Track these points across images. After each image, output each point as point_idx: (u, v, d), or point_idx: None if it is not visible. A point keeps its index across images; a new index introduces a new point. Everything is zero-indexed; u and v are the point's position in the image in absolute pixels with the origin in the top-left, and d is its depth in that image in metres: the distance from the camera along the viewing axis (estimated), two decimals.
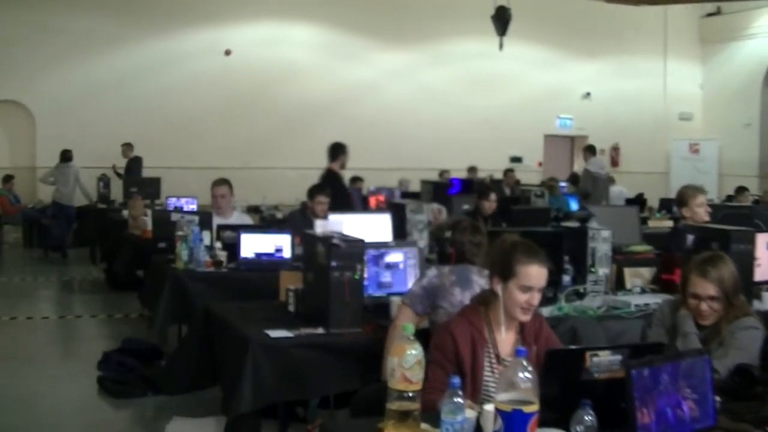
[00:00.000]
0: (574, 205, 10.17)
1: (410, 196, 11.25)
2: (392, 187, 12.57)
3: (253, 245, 5.97)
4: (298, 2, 16.65)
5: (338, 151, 8.60)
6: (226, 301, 5.11)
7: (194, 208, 9.24)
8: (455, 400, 2.28)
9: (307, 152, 15.24)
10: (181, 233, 6.02)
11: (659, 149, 19.96)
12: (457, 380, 2.30)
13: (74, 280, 11.28)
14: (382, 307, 4.35)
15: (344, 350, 4.02)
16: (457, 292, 3.76)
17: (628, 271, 5.29)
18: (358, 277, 4.05)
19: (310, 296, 4.33)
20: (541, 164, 19.16)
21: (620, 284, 5.18)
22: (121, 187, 12.83)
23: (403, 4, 17.49)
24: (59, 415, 5.48)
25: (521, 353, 2.28)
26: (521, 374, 2.21)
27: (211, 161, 14.90)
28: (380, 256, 4.54)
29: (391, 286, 4.52)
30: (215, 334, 4.52)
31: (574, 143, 19.73)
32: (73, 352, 7.62)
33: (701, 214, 5.60)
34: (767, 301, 4.54)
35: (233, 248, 5.99)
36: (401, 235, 6.19)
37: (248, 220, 7.55)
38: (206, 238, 6.16)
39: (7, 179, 14.10)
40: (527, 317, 3.03)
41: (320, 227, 4.38)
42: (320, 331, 4.04)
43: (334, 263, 3.99)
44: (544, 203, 10.64)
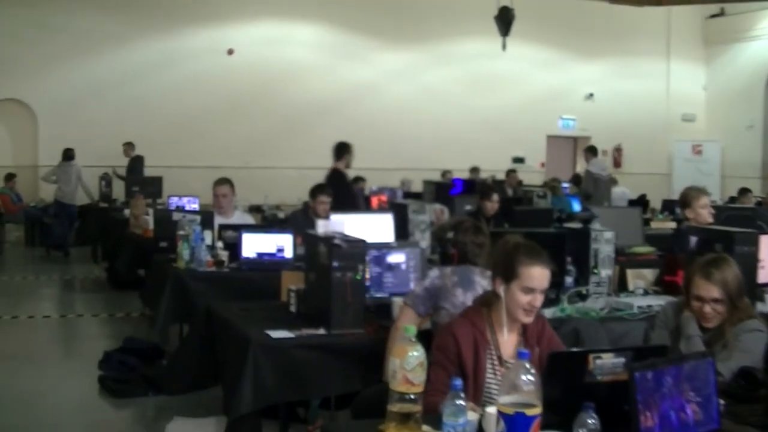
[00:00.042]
0: (576, 206, 10.17)
1: (412, 196, 11.24)
2: (394, 187, 12.54)
3: (254, 245, 5.95)
4: (299, 2, 16.67)
5: (343, 150, 8.59)
6: (227, 301, 5.09)
7: (196, 207, 9.22)
8: (457, 402, 2.26)
9: (308, 152, 15.29)
10: (182, 233, 6.02)
11: (662, 150, 19.94)
12: (459, 382, 2.28)
13: (76, 278, 11.28)
14: (383, 307, 4.34)
15: (346, 351, 4.00)
16: (459, 293, 3.74)
17: (630, 272, 5.26)
18: (359, 277, 4.03)
19: (311, 296, 4.32)
20: (543, 165, 19.15)
21: (623, 286, 5.16)
22: (122, 186, 12.84)
23: (405, 4, 17.48)
24: (60, 414, 5.48)
25: (524, 355, 2.26)
26: (524, 377, 2.20)
27: (212, 161, 14.90)
28: (382, 256, 4.53)
29: (392, 286, 4.51)
30: (216, 334, 4.51)
31: (576, 144, 19.71)
32: (74, 351, 7.61)
33: (704, 215, 5.59)
34: None
35: (235, 248, 5.97)
36: (403, 235, 6.18)
37: (250, 219, 7.54)
38: (208, 237, 6.15)
39: (9, 178, 14.11)
40: (529, 319, 3.02)
41: (322, 227, 4.37)
42: (322, 331, 4.03)
43: (335, 263, 3.97)
44: (546, 204, 10.62)
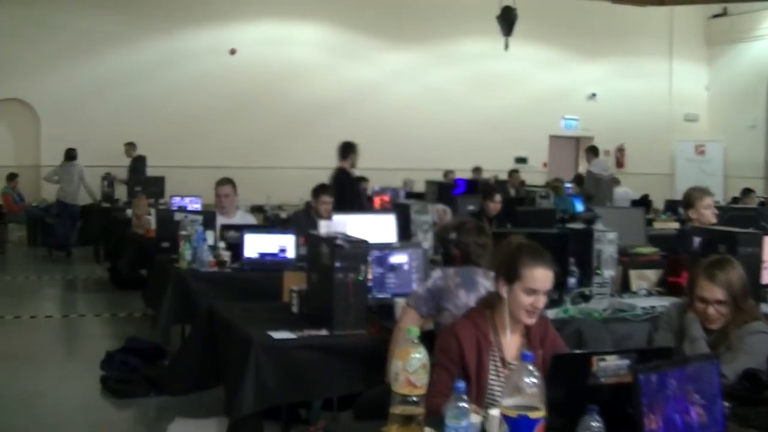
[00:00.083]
0: (579, 206, 10.15)
1: (415, 196, 11.22)
2: (397, 187, 12.53)
3: (256, 245, 5.93)
4: (301, 2, 16.65)
5: (348, 150, 8.59)
6: (229, 301, 5.07)
7: (198, 207, 9.20)
8: (460, 404, 2.25)
9: (310, 152, 15.29)
10: (184, 233, 6.01)
11: (664, 150, 19.90)
12: (462, 385, 2.27)
13: (78, 278, 11.27)
14: (386, 308, 4.32)
15: (348, 352, 3.98)
16: (462, 294, 3.72)
17: (633, 273, 5.24)
18: (362, 278, 4.02)
19: (313, 297, 4.30)
20: (546, 165, 19.13)
21: (626, 287, 5.14)
22: (125, 186, 12.83)
23: (407, 4, 17.47)
24: (62, 414, 5.47)
25: (527, 358, 2.25)
26: (527, 379, 2.18)
27: (214, 161, 14.88)
28: (384, 257, 4.51)
29: (395, 287, 4.50)
30: (218, 334, 4.50)
31: (579, 144, 19.68)
32: (76, 351, 7.61)
33: (708, 216, 5.58)
34: None
35: (237, 248, 5.96)
36: (406, 235, 6.16)
37: (252, 219, 7.52)
38: (210, 237, 6.14)
39: (11, 178, 14.10)
40: (532, 320, 3.00)
41: (324, 228, 4.36)
42: (324, 332, 4.01)
43: (338, 264, 3.96)
44: (549, 204, 10.59)
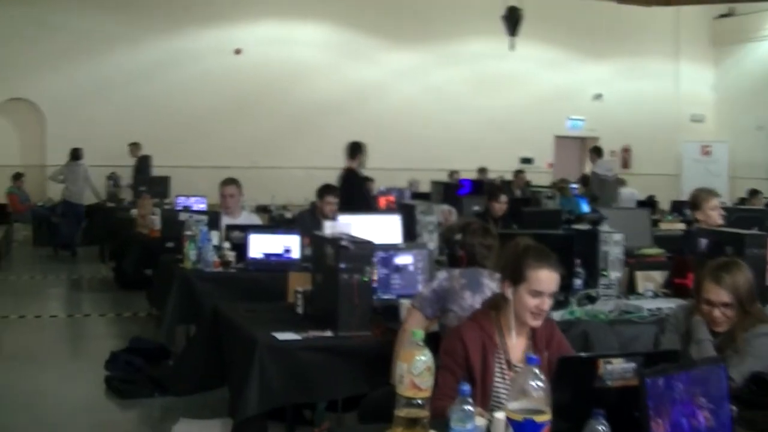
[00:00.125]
0: (585, 207, 10.12)
1: (420, 196, 11.20)
2: (402, 187, 12.52)
3: (261, 245, 5.93)
4: (305, 2, 16.65)
5: (357, 150, 8.59)
6: (234, 301, 5.07)
7: (203, 207, 9.21)
8: (465, 408, 2.23)
9: (315, 152, 15.30)
10: (189, 233, 5.99)
11: (670, 151, 19.85)
12: (467, 388, 2.25)
13: (83, 278, 11.29)
14: (391, 309, 4.30)
15: (353, 353, 3.97)
16: (467, 295, 3.71)
17: (639, 274, 5.22)
18: (367, 279, 4.01)
19: (318, 298, 4.29)
20: (551, 165, 19.09)
21: (632, 288, 5.12)
22: (130, 185, 12.86)
23: (411, 3, 17.45)
24: (66, 414, 5.46)
25: (533, 361, 2.23)
26: (533, 382, 2.17)
27: (220, 160, 14.90)
28: (389, 257, 4.50)
29: (400, 288, 4.48)
30: (223, 335, 4.49)
31: (585, 144, 19.63)
32: (81, 351, 7.62)
33: (714, 217, 5.55)
34: None
35: (242, 248, 5.95)
36: (411, 236, 6.15)
37: (257, 220, 7.52)
38: (215, 238, 6.13)
39: (17, 177, 14.15)
40: (538, 323, 2.98)
41: (329, 228, 4.35)
42: (328, 333, 4.00)
43: (343, 265, 3.95)
44: (554, 205, 10.57)
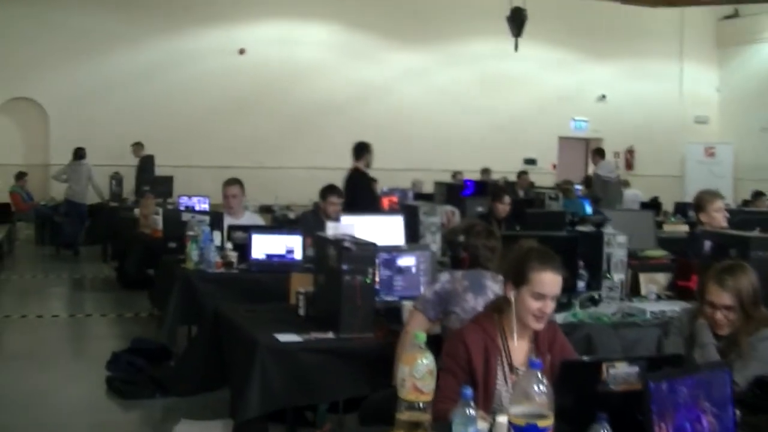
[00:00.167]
0: (588, 208, 10.09)
1: (423, 197, 11.18)
2: (405, 188, 12.49)
3: (264, 246, 5.90)
4: (308, 2, 16.64)
5: (363, 150, 8.60)
6: (236, 302, 5.07)
7: (206, 207, 9.20)
8: (467, 411, 2.21)
9: (318, 152, 15.30)
10: (191, 233, 5.98)
11: (674, 152, 19.81)
12: (469, 391, 2.23)
13: (85, 278, 11.29)
14: (393, 311, 4.28)
15: (355, 355, 3.96)
16: (470, 297, 3.69)
17: (643, 276, 5.20)
18: (369, 280, 3.99)
19: (320, 299, 4.28)
20: (555, 166, 19.06)
21: (635, 290, 5.10)
22: (133, 184, 12.84)
23: (416, 4, 17.44)
24: (67, 414, 5.46)
25: (535, 366, 2.21)
26: (536, 387, 2.15)
27: (222, 160, 14.90)
28: (392, 259, 4.48)
29: (402, 290, 4.46)
30: (224, 335, 4.48)
31: (588, 146, 19.58)
32: (82, 351, 7.61)
33: (719, 219, 5.53)
34: None
35: (244, 249, 5.94)
36: (414, 237, 6.13)
37: (259, 220, 7.49)
38: (217, 238, 6.12)
39: (20, 176, 14.15)
40: (540, 326, 2.96)
41: (332, 229, 4.33)
42: (330, 335, 3.98)
43: (345, 266, 3.93)
44: (558, 206, 10.55)
